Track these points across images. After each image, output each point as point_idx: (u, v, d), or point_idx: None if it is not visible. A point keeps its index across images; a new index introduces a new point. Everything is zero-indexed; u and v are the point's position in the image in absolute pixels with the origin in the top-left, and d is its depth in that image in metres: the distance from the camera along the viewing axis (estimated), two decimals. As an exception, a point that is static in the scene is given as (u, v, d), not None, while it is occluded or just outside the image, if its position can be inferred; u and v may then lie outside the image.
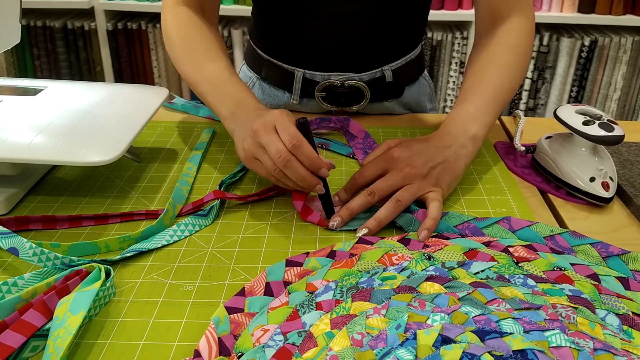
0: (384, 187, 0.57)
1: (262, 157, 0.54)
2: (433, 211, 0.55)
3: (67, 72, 2.16)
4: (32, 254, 0.48)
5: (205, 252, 0.52)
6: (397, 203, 0.56)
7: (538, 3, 2.00)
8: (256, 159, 0.55)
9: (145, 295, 0.47)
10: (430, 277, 0.46)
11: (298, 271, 0.48)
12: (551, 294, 0.45)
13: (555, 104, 2.13)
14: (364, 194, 0.57)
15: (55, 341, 0.39)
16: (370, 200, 0.57)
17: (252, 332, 0.41)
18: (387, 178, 0.58)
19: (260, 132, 0.54)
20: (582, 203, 0.61)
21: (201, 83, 0.67)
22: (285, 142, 0.52)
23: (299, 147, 0.52)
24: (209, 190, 0.62)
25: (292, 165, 0.52)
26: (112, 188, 0.63)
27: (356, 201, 0.57)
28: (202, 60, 0.68)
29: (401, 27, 0.77)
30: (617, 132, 0.59)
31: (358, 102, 0.80)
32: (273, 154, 0.52)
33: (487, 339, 0.37)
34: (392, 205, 0.56)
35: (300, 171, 0.53)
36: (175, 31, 0.72)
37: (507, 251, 0.50)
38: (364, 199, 0.57)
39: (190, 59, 0.69)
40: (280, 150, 0.52)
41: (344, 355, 0.38)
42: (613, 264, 0.50)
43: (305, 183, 0.54)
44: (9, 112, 0.61)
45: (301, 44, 0.77)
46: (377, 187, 0.57)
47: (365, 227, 0.54)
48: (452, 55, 2.06)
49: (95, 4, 2.01)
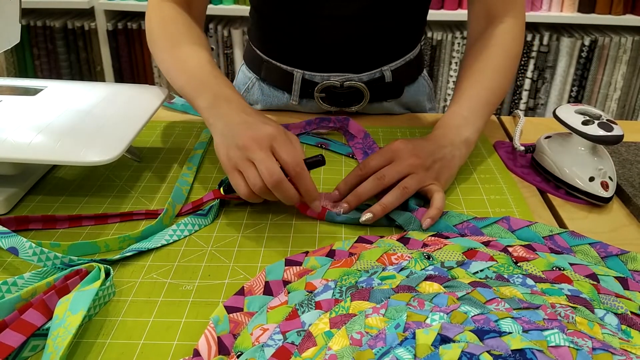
0: (392, 172, 0.57)
1: (247, 171, 0.52)
2: (438, 201, 0.55)
3: (67, 72, 2.16)
4: (32, 254, 0.48)
5: (205, 251, 0.52)
6: (404, 190, 0.56)
7: (538, 3, 2.00)
8: (238, 170, 0.53)
9: (144, 295, 0.47)
10: (429, 276, 0.46)
11: (297, 270, 0.48)
12: (550, 293, 0.45)
13: (555, 103, 2.13)
14: (373, 178, 0.57)
15: (54, 340, 0.39)
16: (380, 183, 0.56)
17: (252, 331, 0.41)
18: (394, 165, 0.58)
19: (253, 148, 0.51)
20: (581, 203, 0.61)
21: (181, 76, 0.64)
22: (288, 166, 0.51)
23: (300, 176, 0.52)
24: (209, 190, 0.62)
25: (282, 186, 0.51)
26: (111, 188, 0.63)
27: (365, 186, 0.57)
28: (183, 54, 0.66)
29: (400, 27, 0.77)
30: (617, 131, 0.59)
31: (357, 102, 0.80)
32: (264, 173, 0.50)
33: (486, 339, 0.37)
34: (399, 191, 0.56)
35: (290, 193, 0.52)
36: (157, 24, 0.71)
37: (506, 251, 0.50)
38: (373, 182, 0.57)
39: (171, 53, 0.67)
40: (273, 170, 0.50)
41: (343, 355, 0.38)
42: (612, 264, 0.50)
43: (291, 203, 0.53)
44: (9, 111, 0.61)
45: (300, 44, 0.77)
46: (386, 172, 0.57)
47: (370, 212, 0.55)
48: (452, 55, 2.06)
49: (95, 4, 2.01)
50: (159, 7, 0.72)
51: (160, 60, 0.69)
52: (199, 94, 0.61)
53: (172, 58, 0.66)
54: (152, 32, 0.71)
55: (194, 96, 0.61)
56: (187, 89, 0.63)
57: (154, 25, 0.71)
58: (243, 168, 0.52)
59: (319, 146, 0.73)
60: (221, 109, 0.58)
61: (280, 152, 0.52)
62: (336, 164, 0.69)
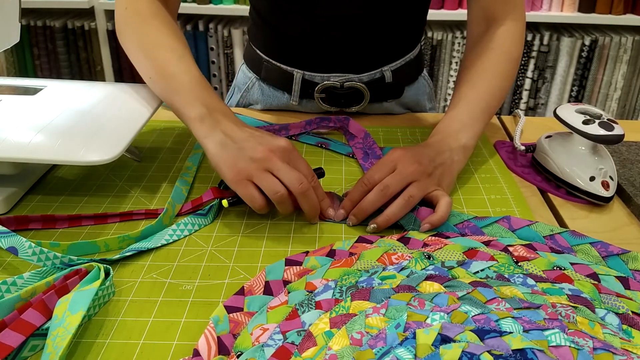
0: (395, 182, 0.56)
1: (265, 181, 0.53)
2: (443, 207, 0.55)
3: (67, 72, 2.16)
4: (32, 254, 0.48)
5: (205, 251, 0.52)
6: (409, 199, 0.55)
7: (538, 3, 2.00)
8: (250, 181, 0.53)
9: (144, 295, 0.47)
10: (429, 276, 0.46)
11: (297, 270, 0.48)
12: (551, 293, 0.45)
13: (555, 103, 2.13)
14: (376, 190, 0.56)
15: (54, 340, 0.39)
16: (385, 194, 0.56)
17: (252, 331, 0.41)
18: (396, 174, 0.57)
19: (272, 159, 0.53)
20: (582, 202, 0.61)
21: (163, 79, 0.62)
22: (307, 179, 0.54)
23: (317, 188, 0.56)
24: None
25: (310, 194, 0.54)
26: (111, 187, 0.63)
27: (369, 198, 0.56)
28: (166, 56, 0.63)
29: (400, 27, 0.77)
30: (617, 131, 0.59)
31: (357, 103, 0.80)
32: (294, 182, 0.52)
33: (486, 338, 0.37)
34: (403, 202, 0.55)
35: (316, 202, 0.55)
36: (132, 16, 0.67)
37: (506, 250, 0.50)
38: (377, 194, 0.56)
39: (151, 52, 0.64)
40: (300, 178, 0.53)
41: (343, 355, 0.38)
42: (613, 264, 0.49)
43: (314, 211, 0.56)
44: (8, 111, 0.61)
45: (300, 45, 0.77)
46: (389, 182, 0.56)
47: (375, 223, 0.55)
48: (452, 55, 2.06)
49: (96, 4, 2.01)
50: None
51: (137, 59, 0.66)
52: (187, 103, 0.59)
53: (152, 59, 0.64)
54: (127, 25, 0.67)
55: (182, 104, 0.59)
56: (172, 96, 0.60)
57: (129, 16, 0.67)
58: (258, 177, 0.53)
59: (319, 146, 0.73)
60: (217, 122, 0.57)
61: (297, 164, 0.54)
62: (336, 163, 0.69)
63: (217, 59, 2.11)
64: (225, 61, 2.11)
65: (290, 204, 0.54)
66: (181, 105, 0.59)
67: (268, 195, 0.53)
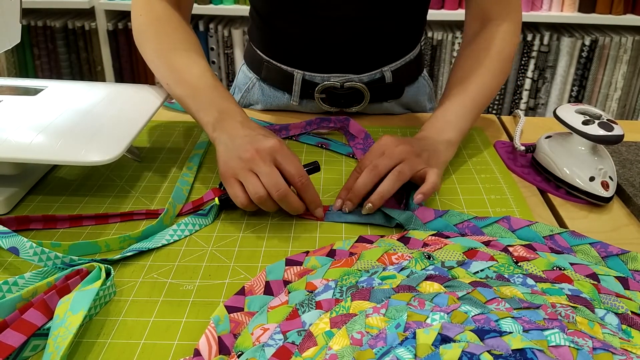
0: (385, 161, 0.58)
1: (247, 180, 0.54)
2: (432, 176, 0.57)
3: (68, 72, 2.16)
4: (33, 254, 0.48)
5: (205, 251, 0.52)
6: (399, 175, 0.56)
7: (538, 3, 2.00)
8: (236, 180, 0.55)
9: (145, 295, 0.47)
10: (429, 276, 0.46)
11: (298, 270, 0.48)
12: (550, 293, 0.45)
13: (555, 103, 2.13)
14: (367, 171, 0.57)
15: (55, 340, 0.39)
16: (375, 174, 0.57)
17: (252, 331, 0.41)
18: (385, 155, 0.59)
19: (256, 160, 0.54)
20: (581, 202, 0.61)
21: (180, 85, 0.65)
22: (294, 178, 0.54)
23: (305, 187, 0.55)
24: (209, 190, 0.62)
25: (289, 199, 0.54)
26: (112, 188, 0.63)
27: (361, 180, 0.57)
28: (181, 61, 0.66)
29: (400, 28, 0.77)
30: (617, 131, 0.59)
31: (358, 103, 0.80)
32: (271, 187, 0.53)
33: (486, 338, 0.37)
34: (394, 177, 0.56)
35: (296, 205, 0.55)
36: (148, 23, 0.69)
37: (506, 250, 0.50)
38: (368, 174, 0.57)
39: (167, 58, 0.67)
40: (279, 184, 0.53)
41: (344, 354, 0.38)
42: (612, 264, 0.50)
43: (297, 213, 0.56)
44: (9, 111, 0.61)
45: (300, 45, 0.77)
46: (379, 162, 0.58)
47: (370, 202, 0.56)
48: (452, 55, 2.06)
49: (96, 4, 2.01)
50: (149, 4, 0.69)
51: (154, 65, 0.68)
52: (202, 108, 0.62)
53: (169, 64, 0.66)
54: (143, 32, 0.69)
55: (197, 109, 0.63)
56: (189, 101, 0.64)
57: (144, 24, 0.69)
58: (243, 177, 0.54)
59: (319, 146, 0.73)
60: (225, 123, 0.59)
61: (284, 164, 0.54)
62: (336, 164, 0.69)
63: (218, 59, 2.11)
64: (225, 61, 2.11)
65: (272, 205, 0.55)
66: (196, 110, 0.63)
67: (250, 195, 0.54)
